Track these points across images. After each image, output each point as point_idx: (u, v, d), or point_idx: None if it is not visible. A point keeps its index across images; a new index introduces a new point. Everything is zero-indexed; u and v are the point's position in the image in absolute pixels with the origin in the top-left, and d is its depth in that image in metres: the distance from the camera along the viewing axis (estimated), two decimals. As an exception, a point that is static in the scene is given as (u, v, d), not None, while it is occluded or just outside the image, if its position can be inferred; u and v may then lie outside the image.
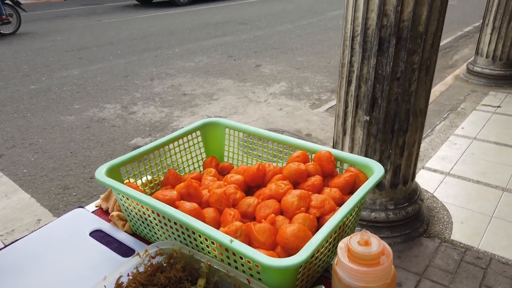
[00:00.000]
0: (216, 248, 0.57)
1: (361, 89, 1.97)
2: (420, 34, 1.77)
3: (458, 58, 6.40)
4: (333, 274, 0.50)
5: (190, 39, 7.84)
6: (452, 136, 3.42)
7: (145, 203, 0.61)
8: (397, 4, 1.70)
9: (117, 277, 0.55)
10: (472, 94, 4.41)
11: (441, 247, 2.15)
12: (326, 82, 5.34)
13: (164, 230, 0.64)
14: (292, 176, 0.67)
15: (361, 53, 1.89)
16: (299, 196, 0.61)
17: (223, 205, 0.63)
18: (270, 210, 0.61)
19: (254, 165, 0.71)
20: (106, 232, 0.76)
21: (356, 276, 0.47)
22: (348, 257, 0.48)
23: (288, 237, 0.54)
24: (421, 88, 1.94)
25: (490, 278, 1.94)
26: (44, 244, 0.73)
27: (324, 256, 0.58)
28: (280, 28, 8.82)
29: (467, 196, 2.59)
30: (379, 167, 0.66)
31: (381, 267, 0.47)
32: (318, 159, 0.71)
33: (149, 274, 0.56)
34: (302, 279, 0.55)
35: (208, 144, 0.88)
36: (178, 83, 5.36)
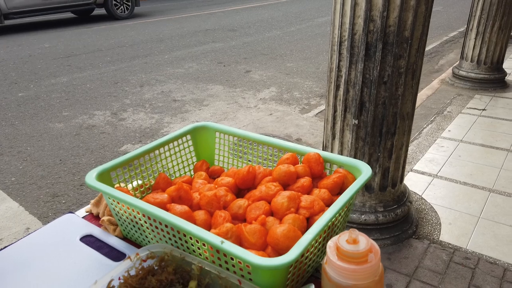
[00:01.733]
0: (207, 250, 0.58)
1: (349, 93, 1.99)
2: (406, 39, 1.81)
3: (443, 63, 6.52)
4: (322, 273, 0.51)
5: (179, 46, 7.85)
6: (439, 139, 3.48)
7: (136, 206, 0.61)
8: (383, 9, 1.73)
9: (108, 281, 0.55)
10: (458, 97, 4.49)
11: (430, 248, 2.18)
12: (315, 87, 5.38)
13: (155, 233, 0.64)
14: (282, 178, 0.68)
15: (348, 58, 1.92)
16: (289, 197, 0.62)
17: (213, 208, 0.64)
18: (260, 211, 0.61)
19: (244, 167, 0.72)
20: (97, 237, 0.76)
21: (345, 274, 0.48)
22: (337, 255, 0.49)
23: (278, 237, 0.55)
24: (408, 92, 1.97)
25: (479, 278, 1.97)
26: (33, 251, 0.73)
27: (313, 255, 0.59)
28: (269, 35, 8.89)
29: (454, 197, 2.63)
30: (367, 167, 0.67)
31: (369, 264, 0.48)
32: (307, 161, 0.72)
33: (140, 277, 0.56)
34: (293, 278, 0.56)
35: (198, 148, 0.89)
36: (168, 89, 5.35)
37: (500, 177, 2.84)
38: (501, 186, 2.73)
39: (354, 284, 0.48)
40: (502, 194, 2.63)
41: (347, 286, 0.48)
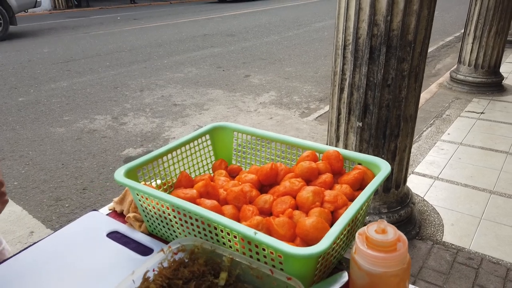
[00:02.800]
0: (238, 241, 0.60)
1: (353, 96, 2.03)
2: (409, 43, 1.84)
3: (441, 67, 6.59)
4: (351, 263, 0.54)
5: (178, 51, 7.88)
6: (439, 142, 3.52)
7: (168, 201, 0.63)
8: (386, 14, 1.77)
9: (144, 271, 0.57)
10: (456, 101, 4.54)
11: (433, 248, 2.20)
12: (314, 91, 5.42)
13: (184, 227, 0.66)
14: (305, 174, 0.71)
15: (353, 61, 1.96)
16: (313, 192, 0.64)
17: (240, 202, 0.66)
18: (286, 205, 0.64)
19: (267, 164, 0.74)
20: (123, 233, 0.77)
21: (375, 262, 0.50)
22: (367, 244, 0.51)
23: (308, 229, 0.57)
24: (411, 95, 2.01)
25: (482, 277, 1.99)
26: (62, 246, 0.75)
27: (339, 247, 0.62)
28: (267, 40, 8.95)
29: (456, 199, 2.66)
30: (386, 164, 0.70)
31: (398, 252, 0.51)
32: (327, 158, 0.75)
33: (173, 268, 0.58)
34: (321, 269, 0.58)
35: (216, 147, 0.91)
36: (168, 93, 5.37)
37: (500, 179, 2.88)
38: (502, 187, 2.76)
39: (384, 272, 0.50)
40: (502, 196, 2.67)
41: (377, 274, 0.51)
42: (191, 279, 0.58)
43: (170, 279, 0.57)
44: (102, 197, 3.05)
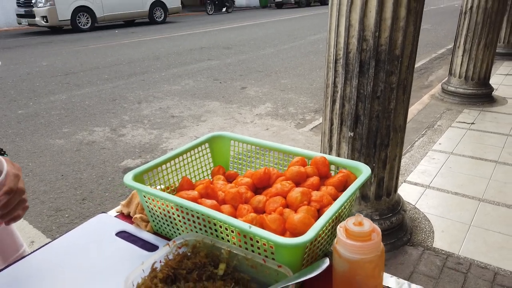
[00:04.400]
0: (235, 236, 0.67)
1: (345, 107, 2.12)
2: (397, 57, 1.95)
3: (433, 79, 6.74)
4: (334, 253, 0.61)
5: (175, 64, 8.01)
6: (430, 152, 3.62)
7: (172, 201, 0.71)
8: (375, 30, 1.88)
9: (152, 262, 0.64)
10: (447, 112, 4.66)
11: (424, 254, 2.28)
12: (309, 102, 5.53)
13: (186, 225, 0.74)
14: (294, 177, 0.79)
15: (344, 74, 2.06)
16: (301, 192, 0.72)
17: (237, 202, 0.74)
18: (277, 204, 0.72)
19: (260, 169, 0.82)
20: (131, 232, 0.85)
21: (353, 250, 0.58)
22: (346, 235, 0.59)
23: (296, 223, 0.65)
24: (400, 106, 2.11)
25: (471, 281, 2.06)
26: (74, 245, 0.82)
27: (324, 240, 0.70)
28: (263, 52, 9.10)
29: (446, 206, 2.74)
30: (367, 168, 0.78)
31: (373, 241, 0.58)
32: (314, 163, 0.83)
33: (178, 260, 0.66)
34: (308, 258, 0.66)
35: (215, 154, 0.99)
36: (166, 105, 5.46)
37: (489, 187, 2.96)
38: (491, 195, 2.85)
39: (361, 258, 0.58)
40: (491, 203, 2.75)
41: (355, 260, 0.58)
42: (194, 269, 0.65)
43: (175, 269, 0.65)
44: (102, 207, 3.11)
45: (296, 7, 21.09)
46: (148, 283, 0.61)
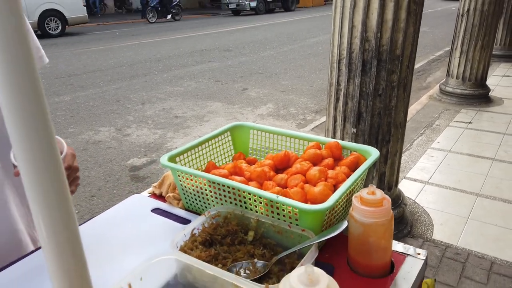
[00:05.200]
0: (262, 206, 0.77)
1: (348, 105, 2.22)
2: (397, 57, 2.05)
3: (431, 80, 6.86)
4: (350, 218, 0.71)
5: (177, 66, 8.11)
6: (429, 150, 3.72)
7: (206, 177, 0.81)
8: (377, 31, 1.98)
9: (192, 229, 0.74)
10: (445, 112, 4.77)
11: (424, 245, 2.38)
12: (310, 103, 5.64)
13: (218, 199, 0.84)
14: (311, 158, 0.88)
15: (347, 73, 2.16)
16: (319, 171, 0.82)
17: (262, 179, 0.84)
18: (298, 181, 0.81)
19: (281, 152, 0.92)
20: (164, 209, 0.95)
21: (367, 214, 0.68)
22: (361, 202, 0.69)
23: (316, 194, 0.75)
24: (400, 104, 2.21)
25: (469, 270, 2.16)
26: (112, 221, 0.91)
27: (339, 209, 0.79)
28: (263, 54, 9.22)
29: (445, 201, 2.84)
30: (375, 151, 0.88)
31: (384, 207, 0.68)
32: (328, 147, 0.92)
33: (213, 228, 0.75)
34: (326, 224, 0.76)
35: (236, 142, 1.09)
36: (169, 106, 5.56)
37: (486, 183, 3.07)
38: (487, 191, 2.95)
39: (374, 222, 0.67)
40: (488, 198, 2.85)
41: (369, 223, 0.68)
42: (227, 235, 0.75)
43: (211, 235, 0.74)
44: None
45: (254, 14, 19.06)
46: (189, 245, 0.71)
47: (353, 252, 0.73)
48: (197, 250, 0.71)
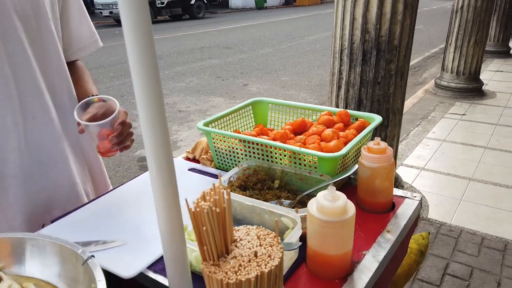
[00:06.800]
0: (286, 159, 0.93)
1: (349, 92, 2.39)
2: (395, 47, 2.22)
3: (427, 76, 7.04)
4: (359, 165, 0.87)
5: (178, 62, 8.26)
6: (425, 139, 3.90)
7: (238, 137, 0.97)
8: (376, 23, 2.15)
9: (229, 176, 0.90)
10: (440, 105, 4.95)
11: (419, 224, 2.55)
12: (309, 98, 5.80)
13: (247, 156, 1.00)
14: (325, 123, 1.04)
15: (348, 63, 2.32)
16: (332, 131, 0.98)
17: (284, 139, 0.99)
18: (315, 139, 0.97)
19: (298, 119, 1.09)
20: (199, 169, 1.10)
21: (373, 160, 0.84)
22: (368, 151, 0.85)
23: (331, 147, 0.91)
24: (398, 91, 2.38)
25: (461, 244, 2.34)
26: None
27: (350, 159, 0.96)
28: (263, 51, 9.38)
29: (439, 185, 3.02)
30: (378, 117, 1.04)
31: (387, 154, 0.84)
32: (339, 114, 1.09)
33: (246, 176, 0.92)
34: (340, 169, 0.92)
35: (256, 115, 1.25)
36: (173, 101, 5.71)
37: (478, 169, 3.25)
38: (479, 175, 3.13)
39: (379, 166, 0.84)
40: (480, 182, 3.03)
41: (375, 167, 0.84)
42: (257, 183, 0.91)
43: (245, 182, 0.90)
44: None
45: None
46: (228, 188, 0.87)
47: (362, 193, 0.89)
48: (235, 192, 0.87)
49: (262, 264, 0.49)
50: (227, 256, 0.52)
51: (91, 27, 1.10)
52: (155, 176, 0.56)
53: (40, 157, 0.98)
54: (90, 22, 1.10)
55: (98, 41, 1.12)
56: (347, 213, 0.67)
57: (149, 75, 0.52)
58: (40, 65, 0.95)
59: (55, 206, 1.03)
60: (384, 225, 0.84)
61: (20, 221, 0.97)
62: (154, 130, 0.55)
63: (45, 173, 1.00)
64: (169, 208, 0.58)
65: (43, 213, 1.02)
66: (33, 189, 0.99)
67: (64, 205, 1.04)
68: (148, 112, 0.54)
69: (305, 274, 0.72)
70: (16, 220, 0.97)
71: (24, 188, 0.97)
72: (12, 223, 0.96)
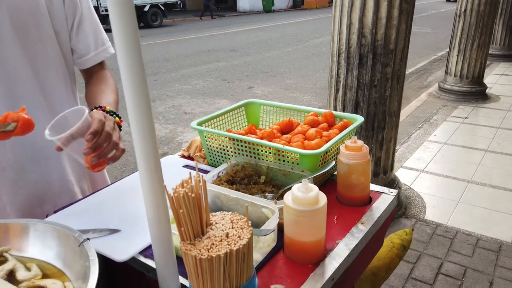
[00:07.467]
0: (271, 156, 1.00)
1: (346, 95, 2.45)
2: (391, 51, 2.28)
3: (432, 79, 7.05)
4: (338, 161, 0.94)
5: (185, 65, 8.37)
6: (426, 142, 3.93)
7: (227, 135, 1.04)
8: (372, 27, 2.21)
9: (218, 171, 0.97)
10: (443, 108, 4.98)
11: (416, 224, 2.59)
12: (314, 101, 5.86)
13: (236, 154, 1.07)
14: (310, 123, 1.11)
15: (345, 66, 2.39)
16: (316, 131, 1.05)
17: (271, 138, 1.06)
18: (299, 138, 1.04)
19: (286, 119, 1.16)
20: (193, 166, 1.18)
21: (350, 157, 0.90)
22: (346, 149, 0.92)
23: (313, 146, 0.97)
24: (394, 94, 2.43)
25: (456, 245, 2.38)
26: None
27: (330, 156, 1.02)
28: (268, 54, 9.46)
29: (438, 187, 3.06)
30: (360, 117, 1.11)
31: (363, 152, 0.91)
32: (324, 115, 1.15)
33: (234, 172, 0.99)
34: (320, 166, 0.99)
35: (248, 115, 1.32)
36: (178, 103, 5.81)
37: (478, 171, 3.28)
38: (478, 178, 3.16)
39: (355, 162, 0.90)
40: (478, 184, 3.06)
41: (352, 164, 0.90)
42: (244, 178, 0.98)
43: (232, 177, 0.97)
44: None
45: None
46: (217, 182, 0.94)
47: (340, 188, 0.96)
48: (222, 185, 0.94)
49: (232, 243, 0.56)
50: (202, 236, 0.59)
51: (104, 34, 1.18)
52: (143, 169, 0.63)
53: (32, 153, 1.05)
54: (103, 30, 1.18)
55: (110, 48, 1.18)
56: (318, 203, 0.73)
57: (137, 80, 0.60)
58: (35, 68, 1.02)
59: (47, 201, 1.10)
60: (359, 217, 0.90)
61: (9, 212, 1.04)
62: (142, 127, 0.62)
63: (37, 169, 1.07)
64: (155, 196, 0.65)
65: (34, 207, 1.08)
66: (23, 183, 1.05)
67: (55, 201, 1.11)
68: (136, 112, 0.62)
69: (282, 260, 0.79)
70: (5, 210, 1.04)
71: (14, 182, 1.04)
72: (1, 214, 1.04)
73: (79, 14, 1.09)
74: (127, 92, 0.63)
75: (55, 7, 1.03)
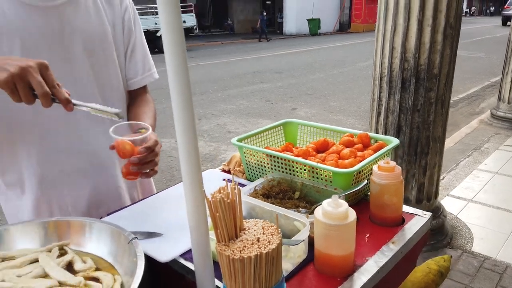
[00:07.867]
0: (306, 173, 1.05)
1: (388, 118, 2.44)
2: (435, 75, 2.26)
3: (484, 106, 6.75)
4: (371, 181, 0.97)
5: (231, 86, 8.64)
6: (475, 171, 3.76)
7: (265, 152, 1.10)
8: (415, 52, 2.22)
9: (254, 186, 1.04)
10: (495, 136, 4.74)
11: (462, 256, 2.48)
12: (357, 124, 5.81)
13: (273, 169, 1.13)
14: (345, 143, 1.15)
15: (387, 90, 2.39)
16: (350, 151, 1.08)
17: (306, 156, 1.11)
18: (334, 157, 1.08)
19: (321, 139, 1.21)
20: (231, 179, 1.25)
21: (382, 177, 0.93)
22: (379, 169, 0.95)
23: (346, 164, 1.01)
24: (438, 119, 2.39)
25: (506, 280, 2.24)
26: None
27: (363, 175, 1.05)
28: (313, 77, 9.53)
29: (487, 218, 2.91)
30: (396, 140, 1.13)
31: (395, 172, 0.93)
32: (359, 136, 1.19)
33: (270, 187, 1.05)
34: (353, 185, 1.02)
35: (286, 134, 1.38)
36: (223, 122, 6.00)
37: (533, 203, 3.08)
38: (533, 211, 2.97)
39: (388, 182, 0.93)
40: (532, 217, 2.88)
41: (384, 184, 0.93)
42: (279, 193, 1.03)
43: (268, 191, 1.03)
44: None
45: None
46: (253, 195, 1.00)
47: (373, 208, 0.98)
48: (258, 199, 1.00)
49: (262, 247, 0.62)
50: (236, 239, 0.65)
51: (151, 60, 1.31)
52: (187, 181, 0.70)
53: (94, 162, 1.18)
54: (150, 56, 1.31)
55: (155, 73, 1.31)
56: (347, 218, 0.77)
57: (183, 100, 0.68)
58: (100, 85, 1.15)
59: (102, 205, 1.22)
60: (391, 237, 0.92)
61: (70, 211, 1.17)
62: (187, 142, 0.70)
63: (96, 176, 1.19)
64: (197, 205, 0.72)
65: (91, 209, 1.20)
66: (84, 187, 1.18)
67: (109, 205, 1.22)
68: (183, 128, 0.69)
69: (312, 271, 0.83)
70: (67, 210, 1.16)
71: (77, 185, 1.16)
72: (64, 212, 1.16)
73: (133, 41, 1.23)
74: (176, 111, 0.71)
75: (117, 34, 1.18)
